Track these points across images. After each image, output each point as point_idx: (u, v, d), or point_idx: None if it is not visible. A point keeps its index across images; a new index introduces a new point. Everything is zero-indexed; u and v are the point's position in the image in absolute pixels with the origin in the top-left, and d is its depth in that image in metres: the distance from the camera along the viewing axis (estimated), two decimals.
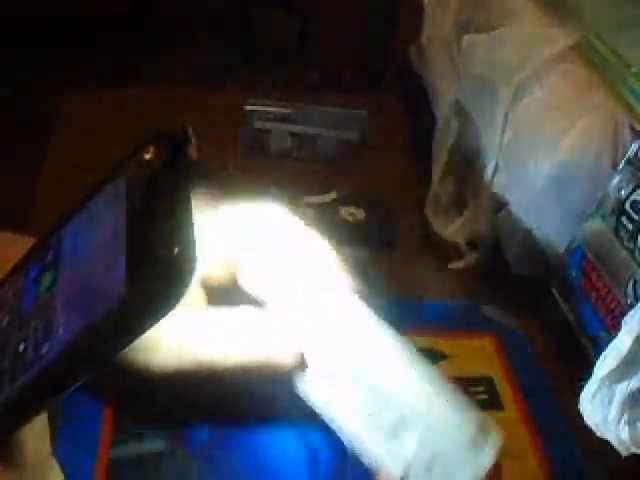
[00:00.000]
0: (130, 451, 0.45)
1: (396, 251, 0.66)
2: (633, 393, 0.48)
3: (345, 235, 0.64)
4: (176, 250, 0.20)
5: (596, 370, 0.50)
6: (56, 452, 0.43)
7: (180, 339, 0.30)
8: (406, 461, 0.26)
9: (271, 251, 0.30)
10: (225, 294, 0.32)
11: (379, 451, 0.27)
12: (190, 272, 0.20)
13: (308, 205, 0.66)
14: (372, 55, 0.90)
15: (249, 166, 0.73)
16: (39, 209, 0.64)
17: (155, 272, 0.20)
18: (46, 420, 0.29)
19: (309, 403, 0.28)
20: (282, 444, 0.47)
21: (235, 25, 0.88)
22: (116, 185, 0.23)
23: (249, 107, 0.71)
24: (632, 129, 0.53)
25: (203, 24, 0.89)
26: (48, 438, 0.28)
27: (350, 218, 0.67)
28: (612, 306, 0.52)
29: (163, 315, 0.21)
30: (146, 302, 0.20)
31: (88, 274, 0.22)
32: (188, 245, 0.21)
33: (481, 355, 0.58)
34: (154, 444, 0.45)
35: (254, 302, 0.31)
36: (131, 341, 0.21)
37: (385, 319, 0.59)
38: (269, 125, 0.71)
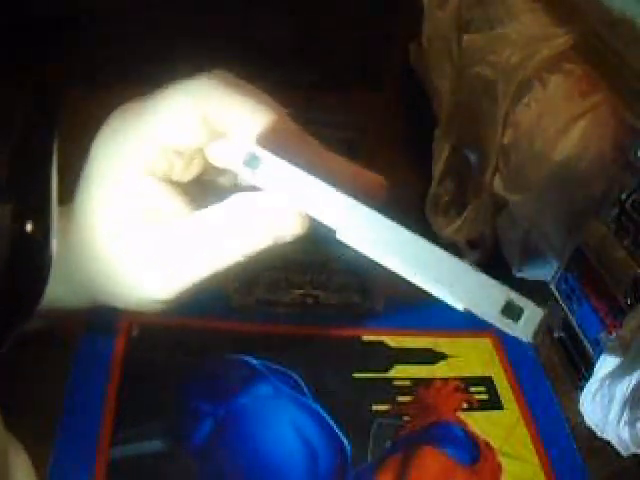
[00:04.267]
0: (130, 451, 0.45)
1: None
2: (633, 393, 0.48)
3: None
4: (29, 226, 0.19)
5: (596, 370, 0.50)
6: (56, 452, 0.43)
7: (186, 252, 0.30)
8: None
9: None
10: (201, 188, 0.33)
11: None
12: (45, 248, 0.19)
13: None
14: (372, 55, 0.90)
15: None
16: None
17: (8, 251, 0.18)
18: None
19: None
20: (282, 444, 0.47)
21: (235, 26, 0.88)
22: None
23: None
24: (632, 129, 0.53)
25: (203, 25, 0.89)
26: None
27: None
28: (612, 306, 0.52)
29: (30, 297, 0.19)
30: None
31: None
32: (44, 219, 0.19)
33: (481, 355, 0.58)
34: (154, 444, 0.45)
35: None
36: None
37: (385, 319, 0.59)
38: None
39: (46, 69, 0.28)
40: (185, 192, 0.33)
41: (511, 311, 0.26)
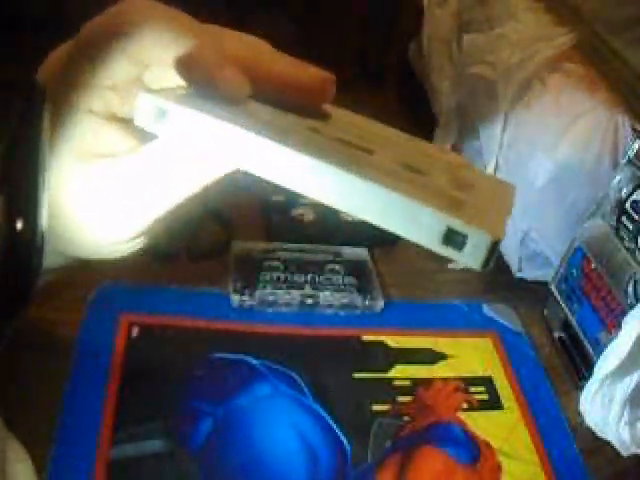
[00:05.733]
0: (130, 451, 0.45)
1: (396, 248, 0.65)
2: (633, 393, 0.48)
3: (346, 234, 0.64)
4: (19, 224, 0.19)
5: (596, 370, 0.50)
6: (56, 452, 0.43)
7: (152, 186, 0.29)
8: None
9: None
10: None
11: None
12: (36, 246, 0.19)
13: (310, 208, 0.66)
14: (372, 55, 0.90)
15: None
16: None
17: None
18: None
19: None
20: (282, 444, 0.47)
21: (234, 27, 0.88)
22: None
23: None
24: (632, 129, 0.53)
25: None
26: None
27: (350, 218, 0.67)
28: (612, 306, 0.52)
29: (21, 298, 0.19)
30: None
31: None
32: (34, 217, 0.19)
33: (481, 355, 0.58)
34: (154, 444, 0.45)
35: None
36: None
37: (385, 319, 0.58)
38: None
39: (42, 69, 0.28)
40: (135, 128, 0.31)
41: (452, 239, 0.24)
